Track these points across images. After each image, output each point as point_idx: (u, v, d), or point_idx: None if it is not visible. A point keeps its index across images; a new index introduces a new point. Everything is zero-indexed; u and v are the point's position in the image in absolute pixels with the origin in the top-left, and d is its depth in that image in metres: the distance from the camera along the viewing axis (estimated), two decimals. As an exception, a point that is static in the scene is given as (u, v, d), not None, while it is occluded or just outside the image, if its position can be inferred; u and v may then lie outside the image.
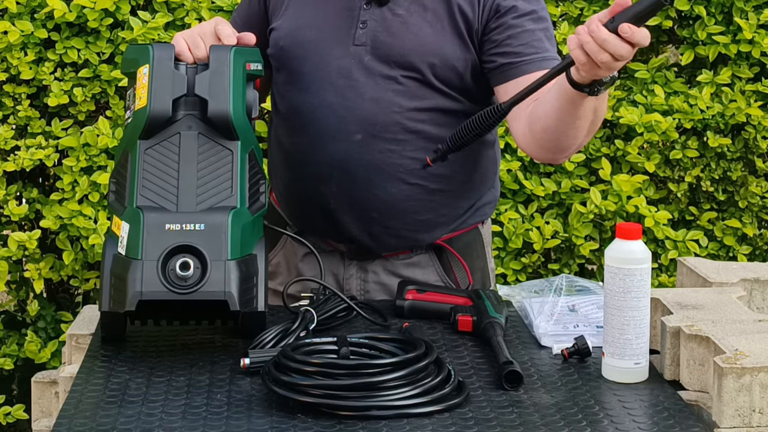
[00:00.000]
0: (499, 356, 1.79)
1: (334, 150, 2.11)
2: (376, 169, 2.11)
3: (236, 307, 1.76)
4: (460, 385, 1.70)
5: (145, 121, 1.86)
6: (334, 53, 2.12)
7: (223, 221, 1.79)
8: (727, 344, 1.67)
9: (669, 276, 3.29)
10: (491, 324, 1.91)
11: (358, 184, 2.12)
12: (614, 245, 1.75)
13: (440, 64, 2.10)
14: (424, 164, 2.07)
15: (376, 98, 2.10)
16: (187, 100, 1.89)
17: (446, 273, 2.23)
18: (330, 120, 2.11)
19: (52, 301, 3.38)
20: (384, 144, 2.10)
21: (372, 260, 2.22)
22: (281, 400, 1.65)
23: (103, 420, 1.62)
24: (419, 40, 2.10)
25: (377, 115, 2.10)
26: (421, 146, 2.11)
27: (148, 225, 1.77)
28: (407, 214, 2.15)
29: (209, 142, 1.88)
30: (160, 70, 1.89)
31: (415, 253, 2.22)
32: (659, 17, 3.30)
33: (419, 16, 2.11)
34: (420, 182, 2.13)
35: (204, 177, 1.86)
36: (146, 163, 1.86)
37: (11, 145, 3.11)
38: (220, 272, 1.76)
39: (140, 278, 1.74)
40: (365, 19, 2.11)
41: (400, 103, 2.10)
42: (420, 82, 2.11)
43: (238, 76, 1.91)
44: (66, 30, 3.09)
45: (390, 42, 2.10)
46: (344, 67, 2.11)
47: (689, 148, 3.30)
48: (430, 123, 2.12)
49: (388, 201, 2.13)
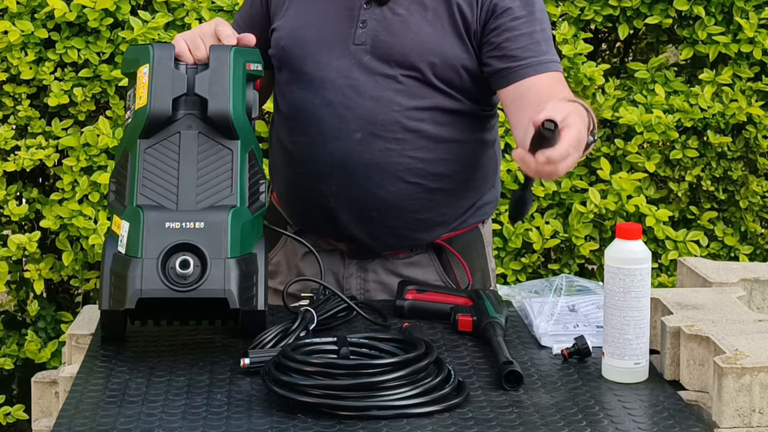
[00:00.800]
0: (499, 356, 1.79)
1: (334, 149, 2.11)
2: (375, 168, 2.11)
3: (236, 305, 1.76)
4: (460, 385, 1.70)
5: (145, 121, 1.86)
6: (334, 52, 2.12)
7: (223, 219, 1.79)
8: (727, 344, 1.67)
9: (669, 276, 3.29)
10: (491, 324, 1.91)
11: (358, 182, 2.12)
12: (614, 245, 1.75)
13: (440, 63, 2.11)
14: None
15: (376, 97, 2.10)
16: (187, 100, 1.89)
17: (446, 273, 2.23)
18: (330, 119, 2.12)
19: (52, 301, 3.38)
20: (384, 143, 2.11)
21: (372, 259, 2.22)
22: (281, 400, 1.65)
23: (103, 420, 1.62)
24: (419, 39, 2.11)
25: (377, 114, 2.10)
26: (420, 145, 2.12)
27: (148, 223, 1.77)
28: (407, 213, 2.15)
29: (209, 141, 1.88)
30: (160, 69, 1.89)
31: (414, 253, 2.22)
32: (659, 17, 3.30)
33: (419, 16, 2.11)
34: (420, 181, 2.13)
35: (204, 176, 1.86)
36: (146, 162, 1.86)
37: (11, 145, 3.11)
38: (219, 270, 1.76)
39: (140, 276, 1.74)
40: (365, 19, 2.12)
41: (400, 102, 2.10)
42: (420, 81, 2.11)
43: (238, 76, 1.91)
44: (66, 30, 3.09)
45: (390, 41, 2.11)
46: (344, 66, 2.12)
47: (689, 148, 3.30)
48: (430, 122, 2.12)
49: (388, 200, 2.13)
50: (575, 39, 3.26)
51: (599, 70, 3.26)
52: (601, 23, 3.38)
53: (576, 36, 3.27)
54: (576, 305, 1.96)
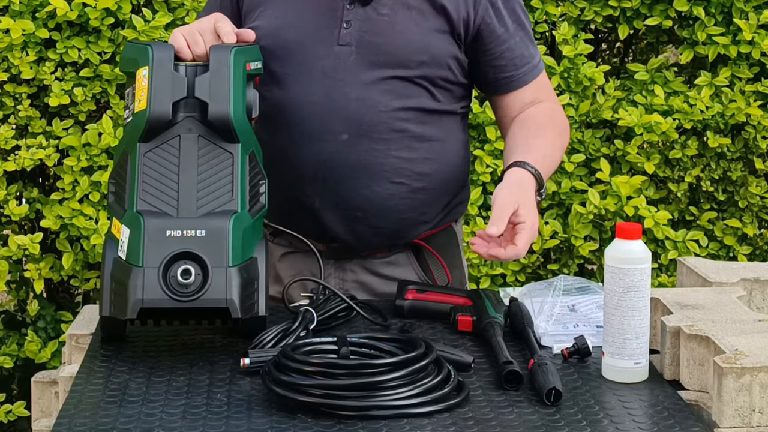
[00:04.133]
0: (499, 356, 1.79)
1: (319, 150, 2.11)
2: (361, 169, 2.11)
3: (238, 314, 1.76)
4: (460, 385, 1.70)
5: (145, 125, 1.85)
6: (318, 53, 2.11)
7: (224, 227, 1.79)
8: (727, 344, 1.67)
9: (669, 276, 3.29)
10: (491, 324, 1.91)
11: (344, 183, 2.11)
12: (614, 245, 1.75)
13: (429, 60, 2.11)
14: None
15: (362, 98, 2.10)
16: (187, 102, 1.88)
17: (424, 272, 2.23)
18: (314, 120, 2.11)
19: (52, 301, 3.38)
20: (370, 143, 2.10)
21: (350, 260, 2.21)
22: (281, 400, 1.65)
23: (103, 420, 1.62)
24: (407, 37, 2.11)
25: (363, 115, 2.10)
26: (405, 145, 2.12)
27: (149, 231, 1.77)
28: (392, 213, 2.15)
29: (209, 144, 1.87)
30: (160, 72, 1.87)
31: (392, 252, 2.22)
32: (659, 17, 3.30)
33: (404, 15, 2.11)
34: (404, 181, 2.14)
35: (204, 181, 1.85)
36: (146, 166, 1.85)
37: (12, 144, 3.12)
38: (221, 279, 1.76)
39: (141, 286, 1.74)
40: (349, 19, 2.11)
41: (386, 103, 2.10)
42: (405, 81, 2.11)
43: (238, 78, 1.89)
44: (67, 29, 3.10)
45: (376, 41, 2.10)
46: (329, 66, 2.11)
47: (689, 148, 3.30)
48: (414, 122, 2.13)
49: (374, 200, 2.13)
50: (575, 39, 3.26)
51: (599, 71, 3.26)
52: (601, 23, 3.38)
53: (576, 36, 3.28)
54: (576, 305, 1.96)
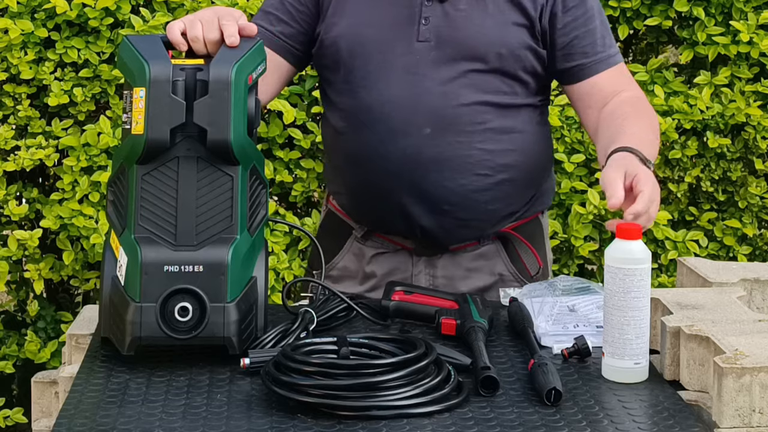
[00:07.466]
0: (478, 361, 1.77)
1: (404, 145, 2.15)
2: (446, 162, 2.15)
3: (235, 351, 1.78)
4: (460, 385, 1.70)
5: (143, 150, 1.82)
6: (397, 50, 2.16)
7: (222, 261, 1.79)
8: (727, 344, 1.67)
9: (669, 276, 3.29)
10: (474, 328, 1.89)
11: (429, 177, 2.15)
12: (614, 245, 1.75)
13: (507, 53, 2.16)
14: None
15: (443, 92, 2.14)
16: (186, 123, 1.82)
17: (513, 262, 2.27)
18: (398, 115, 2.15)
19: (52, 301, 3.38)
20: (453, 136, 2.15)
21: (439, 255, 2.25)
22: (281, 400, 1.65)
23: (103, 420, 1.62)
24: (484, 31, 2.16)
25: (445, 109, 2.14)
26: (487, 137, 2.17)
27: (146, 265, 1.77)
28: (478, 205, 2.19)
29: (209, 167, 1.84)
30: (157, 96, 1.81)
31: (482, 244, 2.26)
32: (659, 18, 3.30)
33: (481, 10, 2.17)
34: (488, 173, 2.18)
35: (203, 205, 1.83)
36: (144, 189, 1.83)
37: (11, 145, 3.11)
38: (219, 316, 1.77)
39: (139, 323, 1.76)
40: (427, 15, 2.16)
41: (467, 96, 2.15)
42: (485, 74, 2.16)
43: (239, 99, 1.83)
44: (66, 29, 3.09)
45: (455, 36, 2.15)
46: (410, 63, 2.15)
47: (689, 149, 3.30)
48: (495, 114, 2.17)
49: (459, 192, 2.17)
50: (575, 39, 3.26)
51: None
52: (601, 24, 3.37)
53: (576, 36, 3.27)
54: (576, 305, 1.96)
